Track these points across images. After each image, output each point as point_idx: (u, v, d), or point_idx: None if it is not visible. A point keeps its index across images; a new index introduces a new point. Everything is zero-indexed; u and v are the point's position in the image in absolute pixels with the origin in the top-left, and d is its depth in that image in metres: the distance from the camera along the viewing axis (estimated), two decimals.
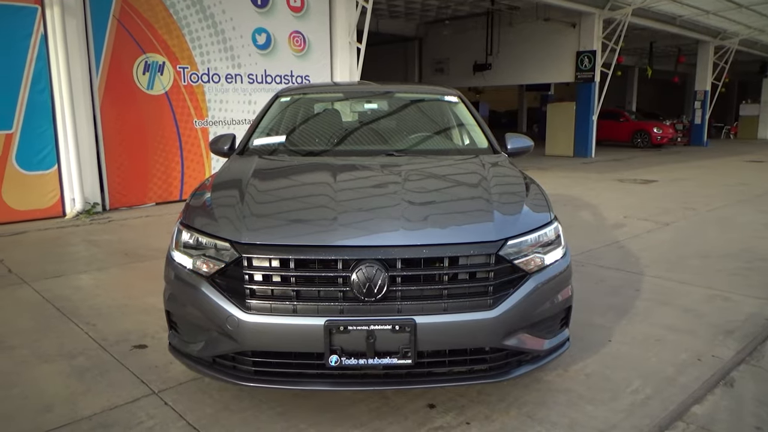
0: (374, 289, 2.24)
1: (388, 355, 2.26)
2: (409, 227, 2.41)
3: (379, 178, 3.07)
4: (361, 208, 2.66)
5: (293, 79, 9.63)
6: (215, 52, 8.65)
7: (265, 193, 2.80)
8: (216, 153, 3.81)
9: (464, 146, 3.92)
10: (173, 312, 2.62)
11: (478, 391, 2.75)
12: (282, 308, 2.28)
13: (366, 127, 4.15)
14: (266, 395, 2.70)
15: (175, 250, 2.60)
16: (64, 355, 3.18)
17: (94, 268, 4.92)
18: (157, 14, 7.99)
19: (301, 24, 9.64)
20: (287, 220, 2.59)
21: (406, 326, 2.23)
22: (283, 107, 4.14)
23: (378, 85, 4.59)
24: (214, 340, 2.41)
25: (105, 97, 7.62)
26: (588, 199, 8.79)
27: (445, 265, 2.32)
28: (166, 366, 3.02)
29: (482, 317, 2.30)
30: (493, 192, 2.76)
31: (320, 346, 2.24)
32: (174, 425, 2.48)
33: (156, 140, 8.17)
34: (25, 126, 6.90)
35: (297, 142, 3.82)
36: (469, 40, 18.80)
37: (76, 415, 2.56)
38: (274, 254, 2.32)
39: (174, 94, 8.28)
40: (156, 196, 8.24)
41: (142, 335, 3.45)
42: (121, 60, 7.72)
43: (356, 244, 2.32)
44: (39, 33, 6.91)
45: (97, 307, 3.94)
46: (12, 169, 6.85)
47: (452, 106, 4.20)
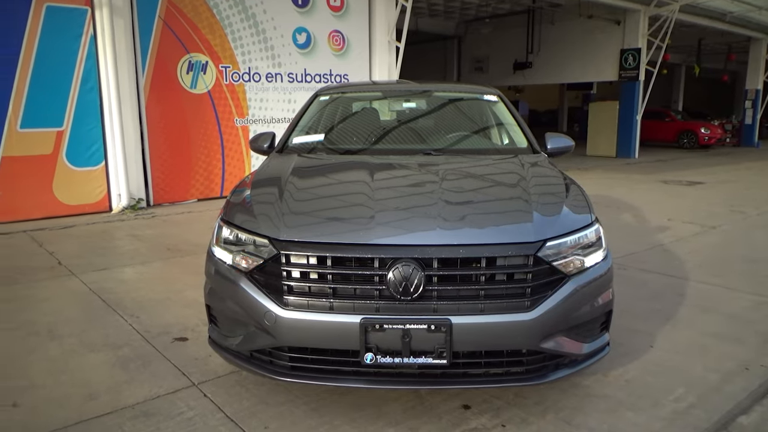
0: (410, 288, 2.24)
1: (423, 354, 2.25)
2: (445, 227, 2.40)
3: (417, 177, 3.07)
4: (398, 206, 2.66)
5: (332, 78, 9.70)
6: (256, 51, 8.79)
7: (303, 191, 2.83)
8: (256, 151, 3.87)
9: (503, 146, 3.88)
10: (213, 306, 2.67)
11: (515, 394, 2.71)
12: (319, 305, 2.31)
13: (404, 126, 4.15)
14: (301, 390, 2.73)
15: (216, 245, 2.66)
16: (109, 346, 3.29)
17: (138, 262, 5.07)
18: (201, 15, 8.16)
19: (340, 23, 9.70)
20: (325, 218, 2.61)
21: (442, 326, 2.22)
22: (322, 106, 4.18)
23: (416, 84, 4.58)
24: (252, 334, 2.45)
25: (150, 96, 7.84)
26: (630, 200, 8.57)
27: (482, 266, 2.30)
28: (205, 359, 3.09)
29: (519, 319, 2.27)
30: (532, 192, 2.72)
31: (356, 343, 2.25)
32: (212, 417, 2.53)
33: (198, 138, 8.36)
34: (74, 123, 7.16)
35: (335, 140, 3.85)
36: (510, 39, 18.57)
37: (120, 404, 2.64)
38: (312, 251, 2.35)
39: (216, 93, 8.45)
40: (198, 193, 8.44)
41: (183, 328, 3.53)
42: (165, 59, 7.92)
43: (393, 243, 2.33)
44: (88, 34, 7.16)
45: (141, 299, 4.06)
46: (62, 165, 7.12)
47: (491, 105, 4.16)
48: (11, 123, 6.70)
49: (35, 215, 6.91)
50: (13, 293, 4.20)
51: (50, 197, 7.06)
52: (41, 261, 5.07)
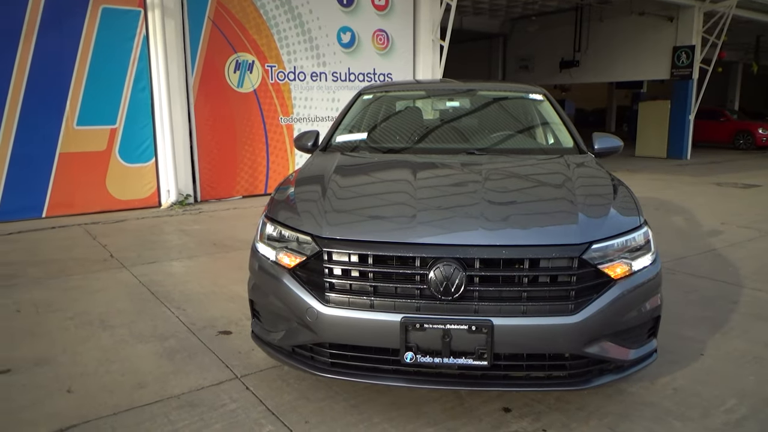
0: (451, 288, 2.23)
1: (463, 355, 2.24)
2: (488, 227, 2.38)
3: (459, 177, 3.05)
4: (440, 206, 2.65)
5: (376, 77, 9.73)
6: (301, 50, 8.90)
7: (346, 189, 2.85)
8: (300, 149, 3.92)
9: (548, 145, 3.81)
10: (256, 301, 2.73)
11: (557, 398, 2.67)
12: (359, 303, 2.32)
13: (447, 125, 4.13)
14: (341, 387, 2.75)
15: (260, 242, 2.71)
16: (157, 337, 3.40)
17: (185, 256, 5.22)
18: (248, 15, 8.32)
19: (384, 22, 9.72)
20: (367, 216, 2.63)
21: (483, 327, 2.20)
22: (366, 105, 4.20)
23: (460, 83, 4.55)
24: (293, 330, 2.49)
25: (199, 95, 8.05)
26: (681, 203, 8.28)
27: (524, 267, 2.27)
28: (248, 353, 3.15)
29: (563, 322, 2.23)
30: (577, 193, 2.66)
31: (396, 342, 2.26)
32: (254, 410, 2.59)
33: (244, 136, 8.53)
34: (127, 121, 7.42)
35: (378, 139, 3.86)
36: (556, 37, 18.20)
37: (166, 393, 2.73)
38: (354, 249, 2.36)
39: (262, 92, 8.61)
40: (243, 190, 8.61)
41: (227, 322, 3.62)
42: (214, 59, 8.11)
43: (434, 242, 2.32)
44: (141, 35, 7.40)
45: (187, 293, 4.17)
46: (115, 161, 7.39)
47: (537, 104, 4.09)
48: (68, 121, 7.00)
49: (89, 209, 7.20)
50: (70, 283, 4.39)
51: (103, 192, 7.34)
52: (95, 253, 5.27)
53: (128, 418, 2.51)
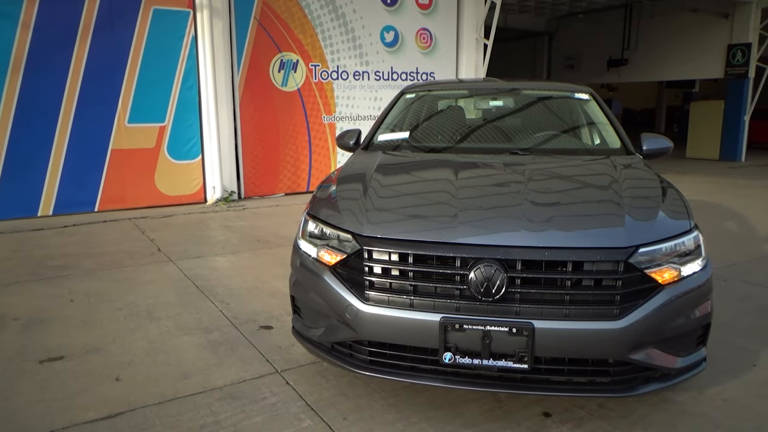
0: (492, 289, 2.21)
1: (503, 357, 2.21)
2: (531, 228, 2.35)
3: (502, 177, 3.02)
4: (481, 206, 2.63)
5: (418, 76, 9.71)
6: (345, 50, 8.96)
7: (387, 188, 2.86)
8: (342, 147, 3.96)
9: (594, 146, 3.72)
10: (297, 297, 2.76)
11: (599, 405, 2.61)
12: (399, 302, 2.32)
13: (490, 125, 4.09)
14: (380, 385, 2.76)
15: (302, 239, 2.74)
16: (201, 329, 3.48)
17: (229, 252, 5.33)
18: (293, 15, 8.44)
19: (428, 21, 9.69)
20: (408, 215, 2.63)
21: (524, 330, 2.17)
22: (408, 104, 4.19)
23: (504, 82, 4.49)
24: (333, 327, 2.51)
25: (244, 94, 8.21)
26: (735, 207, 7.96)
27: (568, 270, 2.23)
28: (288, 348, 3.20)
29: (607, 327, 2.18)
30: (624, 195, 2.60)
31: (435, 342, 2.25)
32: (294, 404, 2.62)
33: (287, 134, 8.65)
34: (175, 119, 7.64)
35: (420, 138, 3.85)
36: (604, 34, 17.76)
37: (209, 385, 2.80)
38: (394, 248, 2.37)
39: (305, 91, 8.71)
40: (285, 187, 8.74)
41: (268, 317, 3.68)
42: (259, 59, 8.26)
43: (476, 243, 2.30)
44: (190, 35, 7.60)
45: (231, 287, 4.27)
46: (164, 158, 7.62)
47: (583, 103, 4.01)
48: (120, 118, 7.25)
49: (139, 204, 7.45)
50: (120, 275, 4.55)
51: (152, 188, 7.58)
52: (143, 247, 5.45)
53: (173, 408, 2.59)
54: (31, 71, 6.65)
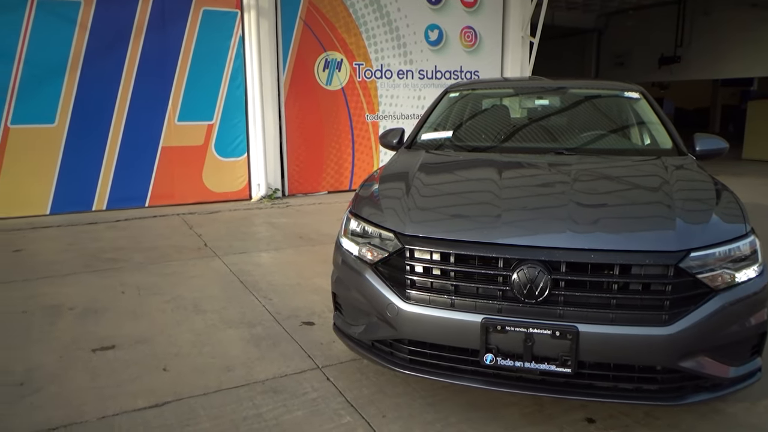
0: (535, 291, 2.18)
1: (546, 360, 2.18)
2: (576, 230, 2.30)
3: (547, 177, 2.97)
4: (525, 206, 2.60)
5: (462, 75, 9.64)
6: (389, 49, 8.98)
7: (429, 187, 2.85)
8: (385, 146, 3.97)
9: (645, 146, 3.62)
10: (339, 294, 2.79)
11: (646, 413, 2.53)
12: (440, 301, 2.32)
13: (535, 124, 4.02)
14: (419, 384, 2.76)
15: (344, 236, 2.76)
16: (245, 324, 3.56)
17: (272, 248, 5.42)
18: (338, 14, 8.50)
19: (472, 19, 9.61)
20: (450, 215, 2.62)
21: (568, 333, 2.13)
22: (452, 103, 4.17)
23: (550, 81, 4.41)
24: (374, 325, 2.52)
25: (289, 92, 8.33)
26: None
27: (615, 273, 2.18)
28: (329, 344, 3.23)
29: (655, 333, 2.11)
30: (675, 197, 2.51)
31: (476, 343, 2.23)
32: (334, 400, 2.65)
33: (331, 133, 8.74)
34: (223, 118, 7.82)
35: (464, 137, 3.83)
36: (655, 31, 17.20)
37: (252, 378, 2.85)
38: (436, 248, 2.36)
39: (349, 90, 8.77)
40: (328, 185, 8.82)
41: (310, 313, 3.73)
42: (304, 58, 8.36)
43: (519, 244, 2.27)
44: (237, 35, 7.77)
45: (274, 283, 4.34)
46: (211, 155, 7.81)
47: (633, 102, 3.90)
48: (170, 117, 7.47)
49: (187, 200, 7.66)
50: (169, 269, 4.69)
51: (200, 184, 7.78)
52: (191, 242, 5.60)
53: (217, 399, 2.66)
54: (87, 71, 6.92)
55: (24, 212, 6.78)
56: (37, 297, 4.01)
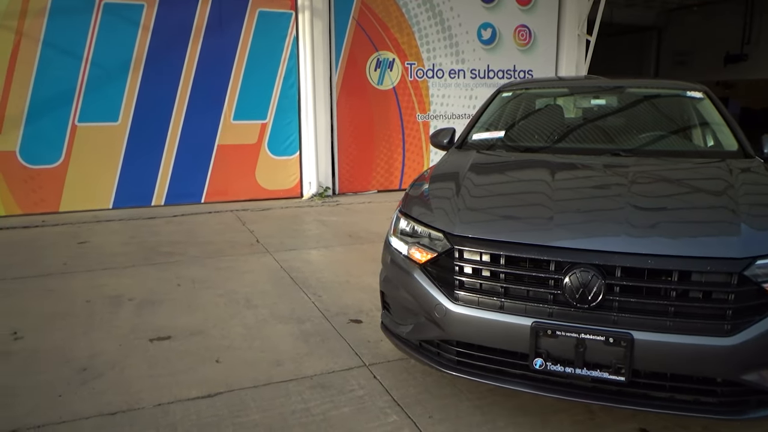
0: (588, 296, 2.12)
1: (598, 367, 2.12)
2: (633, 234, 2.23)
3: (602, 179, 2.89)
4: (579, 209, 2.54)
5: (515, 74, 9.49)
6: (441, 48, 8.93)
7: (480, 188, 2.83)
8: (436, 146, 3.95)
9: (708, 148, 3.47)
10: (387, 293, 2.80)
11: (704, 426, 2.43)
12: (489, 303, 2.29)
13: (591, 124, 3.92)
14: (466, 386, 2.74)
15: (393, 235, 2.77)
16: (294, 319, 3.62)
17: (322, 246, 5.50)
18: (391, 14, 8.53)
19: (527, 17, 9.44)
20: (501, 216, 2.59)
21: (622, 340, 2.06)
22: (504, 102, 4.11)
23: (607, 80, 4.29)
24: (421, 324, 2.52)
25: (341, 92, 8.41)
26: None
27: (673, 280, 2.10)
28: (376, 342, 3.25)
29: (716, 343, 2.02)
30: (741, 202, 2.40)
31: (525, 346, 2.20)
32: (380, 398, 2.66)
33: (382, 132, 8.77)
34: (276, 117, 7.98)
35: (516, 137, 3.77)
36: (720, 29, 16.45)
37: (300, 373, 2.90)
38: (485, 249, 2.33)
39: (401, 89, 8.78)
40: (378, 184, 8.86)
41: (358, 311, 3.76)
42: (356, 57, 8.43)
43: (572, 247, 2.22)
44: (292, 35, 7.90)
45: (323, 280, 4.40)
46: (264, 153, 7.98)
47: (695, 102, 3.74)
48: (226, 116, 7.68)
49: (240, 197, 7.85)
50: (222, 264, 4.83)
51: (253, 182, 7.96)
52: (244, 238, 5.74)
53: (266, 392, 2.71)
54: (149, 71, 7.20)
55: (89, 206, 7.12)
56: (100, 287, 4.21)
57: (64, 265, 4.76)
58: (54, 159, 6.96)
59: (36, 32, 6.68)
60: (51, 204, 6.99)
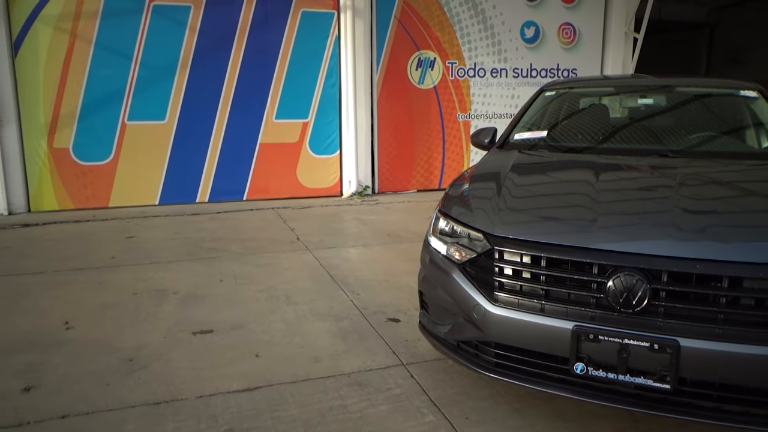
0: (633, 301, 2.07)
1: (642, 374, 2.06)
2: (680, 237, 2.16)
3: (649, 181, 2.81)
4: (624, 211, 2.48)
5: (559, 73, 9.32)
6: (483, 47, 8.85)
7: (521, 188, 2.79)
8: (476, 146, 3.92)
9: (762, 149, 3.33)
10: (425, 293, 2.79)
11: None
12: (529, 305, 2.26)
13: (637, 124, 3.82)
14: (504, 388, 2.71)
15: (432, 235, 2.76)
16: (332, 317, 3.65)
17: (361, 244, 5.52)
18: (433, 13, 8.50)
19: (572, 15, 9.26)
20: (542, 217, 2.55)
21: (668, 347, 2.00)
22: (547, 102, 4.05)
23: (655, 79, 4.17)
24: (460, 325, 2.50)
25: (382, 91, 8.43)
26: None
27: (723, 286, 2.02)
28: (414, 342, 3.25)
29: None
30: None
31: (566, 350, 2.16)
32: (417, 398, 2.66)
33: (422, 132, 8.75)
34: (317, 116, 8.06)
35: (559, 137, 3.70)
36: None
37: (338, 370, 2.93)
38: (526, 250, 2.30)
39: (441, 89, 8.74)
40: (417, 184, 8.85)
41: (396, 310, 3.76)
42: (397, 57, 8.43)
43: (616, 250, 2.17)
44: (334, 35, 7.97)
45: (362, 278, 4.42)
46: (305, 152, 8.08)
47: (749, 102, 3.60)
48: (268, 115, 7.81)
49: (281, 195, 7.97)
50: (263, 260, 4.91)
51: (294, 180, 8.07)
52: (284, 235, 5.83)
53: (304, 388, 2.75)
54: (195, 71, 7.39)
55: (137, 202, 7.36)
56: (146, 281, 4.34)
57: (113, 259, 4.94)
58: (104, 156, 7.22)
59: (89, 34, 6.94)
60: (101, 199, 7.25)
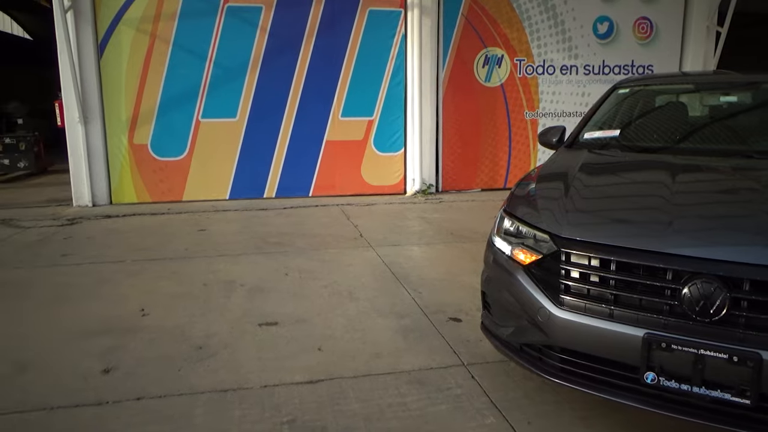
0: (710, 309, 1.96)
1: (718, 387, 1.95)
2: (765, 243, 2.02)
3: (730, 183, 2.66)
4: (702, 215, 2.35)
5: (634, 70, 8.95)
6: (552, 43, 8.62)
7: (591, 189, 2.70)
8: (544, 145, 3.82)
9: None
10: (488, 294, 2.76)
11: None
12: (597, 310, 2.19)
13: (718, 123, 3.61)
14: (569, 394, 2.64)
15: (496, 235, 2.72)
16: (394, 314, 3.67)
17: (424, 243, 5.52)
18: (501, 9, 8.36)
19: (648, 9, 8.86)
20: (612, 219, 2.46)
21: (749, 360, 1.89)
22: (620, 99, 3.89)
23: (739, 75, 3.92)
24: (523, 327, 2.45)
25: (447, 89, 8.38)
26: None
27: None
28: (476, 342, 3.21)
29: None
30: None
31: (636, 358, 2.07)
32: (478, 399, 2.63)
33: (487, 130, 8.63)
34: (382, 114, 8.12)
35: (632, 137, 3.55)
36: None
37: (398, 367, 2.94)
38: (595, 253, 2.23)
39: (509, 86, 8.59)
40: (482, 183, 8.74)
41: (457, 309, 3.73)
42: (464, 54, 8.35)
43: (693, 255, 2.06)
44: (400, 33, 7.99)
45: (423, 277, 4.42)
46: (370, 149, 8.15)
47: None
48: (335, 112, 7.93)
49: (345, 192, 8.09)
50: (327, 256, 5.00)
51: (358, 177, 8.17)
52: (348, 232, 5.90)
53: (365, 383, 2.78)
54: (265, 70, 7.61)
55: (209, 196, 7.67)
56: (216, 272, 4.51)
57: (186, 250, 5.16)
58: (179, 152, 7.57)
59: (167, 34, 7.28)
60: (176, 193, 7.61)
